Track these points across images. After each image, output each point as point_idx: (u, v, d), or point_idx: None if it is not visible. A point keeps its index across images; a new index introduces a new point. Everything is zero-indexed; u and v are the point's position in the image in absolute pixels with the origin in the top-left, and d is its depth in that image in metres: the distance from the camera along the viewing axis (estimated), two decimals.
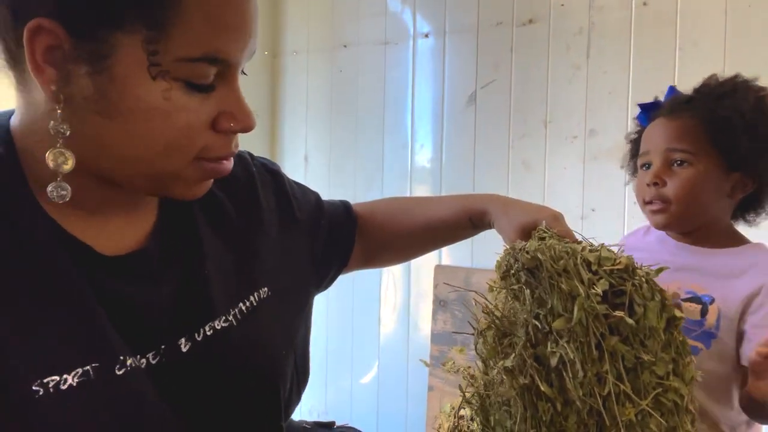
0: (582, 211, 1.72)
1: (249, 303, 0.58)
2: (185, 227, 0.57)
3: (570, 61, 1.74)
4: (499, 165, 1.86)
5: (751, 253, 0.87)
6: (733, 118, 0.83)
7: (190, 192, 0.51)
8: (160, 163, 0.47)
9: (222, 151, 0.50)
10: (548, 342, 0.64)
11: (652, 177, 0.86)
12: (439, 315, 1.93)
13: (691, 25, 1.57)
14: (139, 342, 0.49)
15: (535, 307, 0.66)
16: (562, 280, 0.62)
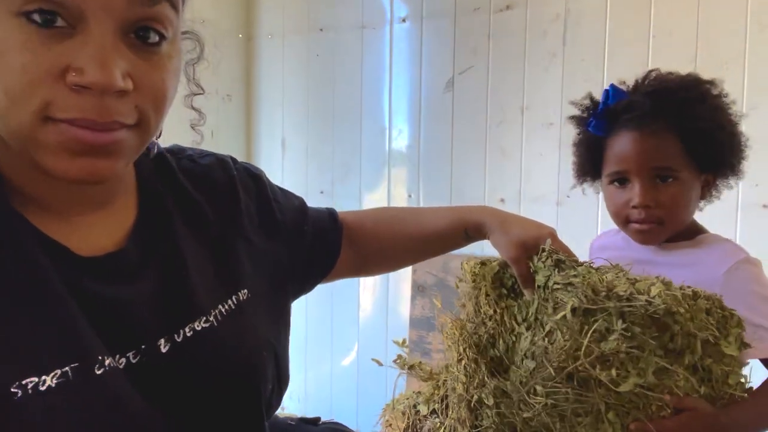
0: (558, 197, 1.75)
1: (229, 304, 0.58)
2: (164, 228, 0.57)
3: (547, 48, 1.75)
4: (476, 151, 1.88)
5: (708, 240, 0.90)
6: (708, 129, 0.84)
7: (58, 164, 0.45)
8: (9, 116, 0.44)
9: (72, 112, 0.43)
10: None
11: (642, 200, 0.85)
12: (417, 300, 1.95)
13: (665, 13, 1.59)
14: (119, 342, 0.49)
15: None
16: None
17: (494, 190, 1.85)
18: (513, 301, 0.78)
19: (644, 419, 0.64)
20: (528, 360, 0.72)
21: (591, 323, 0.66)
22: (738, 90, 1.52)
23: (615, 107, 0.88)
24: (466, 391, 0.79)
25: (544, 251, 0.74)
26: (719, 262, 0.84)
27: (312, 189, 2.20)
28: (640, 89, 0.89)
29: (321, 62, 2.16)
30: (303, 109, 2.22)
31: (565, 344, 0.67)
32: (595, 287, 0.66)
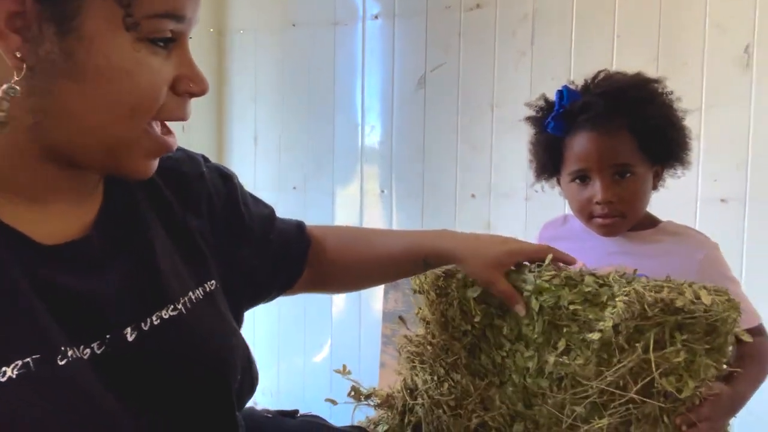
0: (526, 192, 1.79)
1: (198, 293, 0.58)
2: (132, 216, 0.57)
3: (516, 46, 1.79)
4: (448, 147, 1.91)
5: (672, 230, 0.96)
6: (659, 125, 0.90)
7: (141, 167, 0.52)
8: (123, 128, 0.48)
9: (178, 114, 0.51)
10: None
11: (604, 197, 0.90)
12: (390, 294, 1.98)
13: (628, 15, 1.65)
14: (83, 332, 0.49)
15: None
16: None
17: (465, 186, 1.89)
18: (497, 319, 0.79)
19: (685, 412, 0.70)
20: (554, 381, 0.74)
21: (648, 338, 0.69)
22: (697, 89, 1.59)
23: (571, 108, 0.91)
24: (453, 417, 0.81)
25: (543, 267, 0.76)
26: (694, 251, 0.91)
27: (284, 185, 2.20)
28: (591, 89, 0.93)
29: (294, 58, 2.16)
30: (276, 105, 2.21)
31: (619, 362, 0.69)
32: (645, 301, 0.68)
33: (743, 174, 1.56)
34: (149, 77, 0.47)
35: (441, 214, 1.93)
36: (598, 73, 0.96)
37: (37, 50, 0.44)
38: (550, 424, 0.75)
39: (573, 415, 0.73)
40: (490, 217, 1.86)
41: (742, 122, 1.55)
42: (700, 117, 1.57)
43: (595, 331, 0.73)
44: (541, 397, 0.76)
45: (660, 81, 0.93)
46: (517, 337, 0.80)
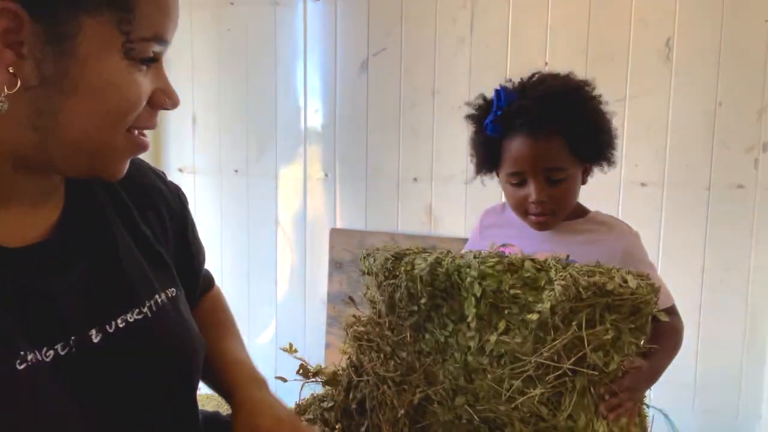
0: (467, 176, 1.86)
1: (162, 298, 0.60)
2: (95, 219, 0.58)
3: (456, 34, 1.83)
4: (390, 131, 1.94)
5: (600, 220, 1.04)
6: (590, 131, 0.97)
7: (118, 167, 0.55)
8: (107, 136, 0.51)
9: (150, 123, 0.55)
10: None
11: (537, 198, 0.96)
12: (335, 276, 2.01)
13: (560, 7, 1.73)
14: (46, 334, 0.49)
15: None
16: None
17: (408, 170, 1.94)
18: (443, 301, 0.83)
19: (608, 383, 0.77)
20: (494, 359, 0.79)
21: (581, 318, 0.75)
22: (622, 80, 1.69)
23: (508, 110, 0.96)
24: (398, 392, 0.85)
25: (496, 259, 0.80)
26: (618, 239, 1.00)
27: (226, 167, 2.17)
28: (528, 92, 0.97)
29: (232, 37, 2.11)
30: (214, 86, 2.16)
31: (554, 340, 0.75)
32: (579, 285, 0.74)
33: (662, 160, 1.69)
34: (135, 91, 0.51)
35: (384, 198, 1.97)
36: (534, 74, 1.01)
37: (31, 67, 0.46)
38: (489, 396, 0.81)
39: (511, 389, 0.79)
40: (432, 200, 1.92)
41: (662, 111, 1.67)
42: (624, 106, 1.68)
43: (534, 312, 0.78)
44: (482, 372, 0.82)
45: (590, 84, 0.99)
46: (459, 318, 0.85)
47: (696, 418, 1.72)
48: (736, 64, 1.61)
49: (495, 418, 0.81)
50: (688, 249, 1.68)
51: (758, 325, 1.66)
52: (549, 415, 0.78)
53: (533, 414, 0.79)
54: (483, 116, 1.00)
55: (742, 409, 1.70)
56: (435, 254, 0.88)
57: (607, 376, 0.79)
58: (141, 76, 0.51)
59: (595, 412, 0.79)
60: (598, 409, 0.79)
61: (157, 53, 0.52)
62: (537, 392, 0.78)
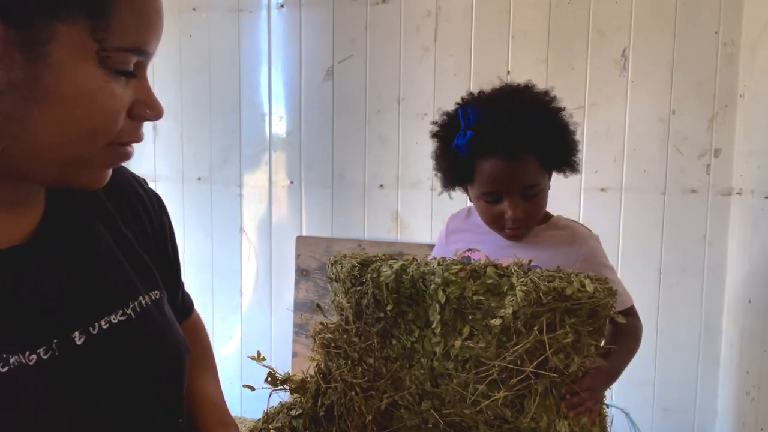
0: (432, 182, 1.88)
1: (146, 300, 0.59)
2: (76, 222, 0.57)
3: (420, 42, 1.86)
4: (356, 138, 1.95)
5: (561, 225, 1.07)
6: (561, 146, 0.99)
7: (96, 179, 0.53)
8: (80, 147, 0.49)
9: (133, 137, 0.53)
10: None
11: (514, 215, 0.96)
12: (301, 284, 1.99)
13: (521, 17, 1.77)
14: (29, 337, 0.49)
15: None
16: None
17: (374, 177, 1.94)
18: (408, 308, 0.84)
19: (569, 383, 0.79)
20: (459, 363, 0.80)
21: (542, 323, 0.76)
22: (581, 89, 1.74)
23: (478, 130, 0.95)
24: (365, 398, 0.85)
25: (459, 266, 0.81)
26: (579, 243, 1.02)
27: (189, 175, 2.13)
28: (496, 110, 0.96)
29: (195, 44, 2.09)
30: (176, 93, 2.13)
31: (516, 344, 0.76)
32: (540, 290, 0.76)
33: (620, 166, 1.74)
34: (111, 102, 0.49)
35: (350, 205, 1.97)
36: (497, 89, 1.01)
37: (4, 73, 0.45)
38: (455, 401, 0.82)
39: (476, 393, 0.80)
40: (398, 206, 1.93)
41: (619, 119, 1.73)
42: (583, 114, 1.73)
43: (496, 317, 0.80)
44: (447, 377, 0.83)
45: (552, 95, 1.01)
46: (425, 324, 0.86)
47: (656, 415, 1.77)
48: (688, 73, 1.67)
49: (460, 422, 0.82)
50: (645, 251, 1.74)
51: (712, 324, 1.72)
52: (512, 417, 0.80)
53: (497, 417, 0.80)
54: (448, 134, 1.00)
55: (699, 406, 1.76)
56: (400, 261, 0.89)
57: (569, 377, 0.81)
58: (119, 88, 0.50)
59: (557, 413, 0.81)
60: (560, 410, 0.81)
61: (139, 65, 0.51)
62: (501, 395, 0.79)
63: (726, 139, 1.67)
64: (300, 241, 2.00)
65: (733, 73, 1.64)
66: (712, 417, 1.75)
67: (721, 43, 1.65)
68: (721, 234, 1.69)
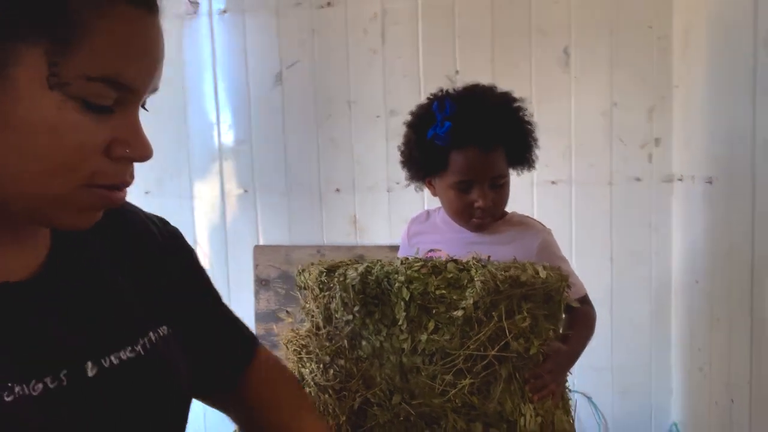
0: (388, 184, 1.89)
1: (155, 336, 0.57)
2: (84, 257, 0.55)
3: (367, 44, 1.86)
4: (309, 143, 1.93)
5: (516, 220, 1.12)
6: (525, 141, 1.07)
7: (77, 221, 0.49)
8: (46, 183, 0.45)
9: (114, 179, 0.48)
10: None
11: (485, 203, 1.03)
12: (261, 294, 1.96)
13: (465, 17, 1.80)
14: (36, 366, 0.47)
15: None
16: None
17: (329, 181, 1.94)
18: (375, 307, 0.86)
19: (532, 367, 0.82)
20: (426, 357, 0.82)
21: (501, 310, 0.78)
22: (527, 86, 1.79)
23: (457, 121, 1.01)
24: (338, 399, 0.86)
25: (421, 263, 0.84)
26: (532, 238, 1.07)
27: (136, 190, 2.06)
28: (472, 105, 1.03)
29: None
30: None
31: (479, 332, 0.78)
32: (498, 279, 0.78)
33: (568, 159, 1.80)
34: (75, 137, 0.45)
35: (307, 211, 1.96)
36: (473, 86, 1.07)
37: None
38: (424, 393, 0.84)
39: (444, 383, 0.82)
40: (356, 210, 1.93)
41: (565, 114, 1.78)
42: (531, 111, 1.78)
43: (459, 309, 0.82)
44: (416, 371, 0.84)
45: (521, 100, 1.09)
46: (392, 322, 0.87)
47: (615, 398, 1.83)
48: (627, 68, 1.75)
49: (430, 413, 0.83)
50: (596, 240, 1.80)
51: (662, 306, 1.80)
52: (479, 403, 0.82)
53: (465, 404, 0.82)
54: (423, 125, 1.05)
55: (655, 385, 1.83)
56: (365, 264, 0.90)
57: (530, 361, 0.84)
58: (90, 122, 0.45)
59: (522, 397, 0.84)
60: (524, 394, 0.84)
61: (122, 100, 0.46)
62: (467, 382, 0.81)
63: (665, 129, 1.75)
64: (258, 251, 1.97)
65: (668, 66, 1.72)
66: (667, 395, 1.82)
67: (656, 38, 1.73)
68: (666, 219, 1.77)
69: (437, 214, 1.15)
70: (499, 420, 0.83)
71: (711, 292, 1.49)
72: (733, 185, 1.32)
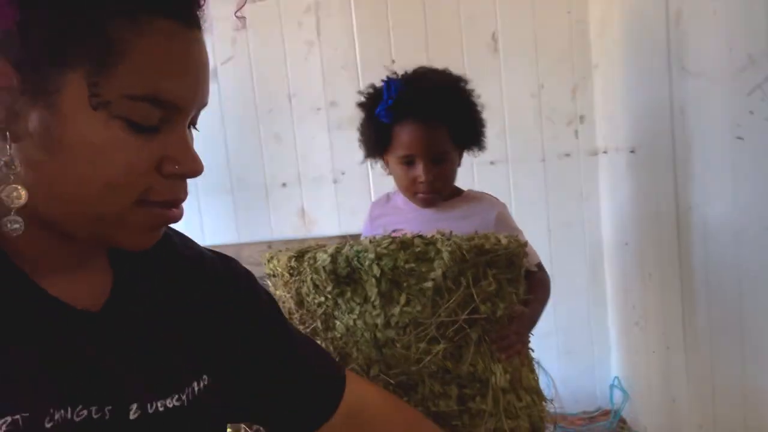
0: (333, 175, 1.91)
1: (200, 386, 0.57)
2: (145, 294, 0.55)
3: (303, 37, 1.88)
4: (250, 139, 1.93)
5: (473, 196, 1.19)
6: (467, 121, 1.13)
7: (136, 240, 0.49)
8: (101, 203, 0.46)
9: (167, 196, 0.49)
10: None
11: (426, 178, 1.08)
12: None
13: (398, 9, 1.85)
14: (86, 393, 0.48)
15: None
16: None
17: (275, 176, 1.94)
18: (347, 287, 0.89)
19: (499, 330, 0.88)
20: (400, 329, 0.87)
21: (468, 277, 0.83)
22: (460, 71, 1.85)
23: (399, 100, 1.07)
24: None
25: (389, 240, 0.87)
26: (490, 209, 1.15)
27: None
28: (415, 84, 1.09)
29: None
30: None
31: (449, 300, 0.83)
32: (464, 249, 0.83)
33: (504, 140, 1.89)
34: (123, 156, 0.46)
35: (253, 207, 1.95)
36: (419, 68, 1.13)
37: (19, 121, 0.43)
38: (400, 363, 0.88)
39: (419, 351, 0.87)
40: (303, 203, 1.95)
41: (497, 96, 1.88)
42: None
43: (428, 280, 0.87)
44: (391, 344, 0.89)
45: (465, 79, 1.14)
46: (364, 300, 0.91)
47: (561, 360, 1.96)
48: (550, 50, 1.86)
49: (407, 380, 0.88)
50: (535, 214, 1.91)
51: (596, 270, 1.94)
52: (453, 367, 0.88)
53: (440, 368, 0.88)
54: (373, 104, 1.11)
55: (595, 344, 1.97)
56: (334, 245, 0.93)
57: (497, 324, 0.91)
58: (138, 141, 0.46)
59: (492, 358, 0.90)
60: (493, 355, 0.91)
61: (168, 118, 0.47)
62: (441, 348, 0.87)
63: (588, 106, 1.88)
64: None
65: (587, 47, 1.85)
66: (607, 352, 1.97)
67: (574, 21, 1.85)
68: (594, 189, 1.91)
69: (397, 196, 1.20)
70: (473, 380, 0.89)
71: (641, 251, 1.63)
72: (654, 153, 1.45)
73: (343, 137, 1.89)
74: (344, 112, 1.88)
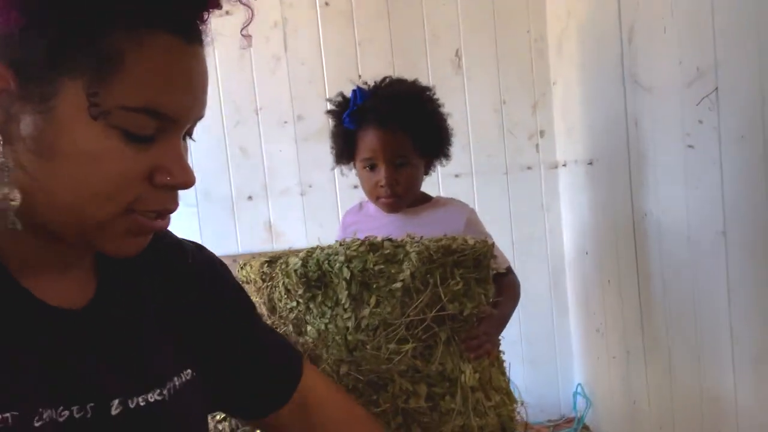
0: (301, 188, 1.92)
1: (181, 380, 0.57)
2: (128, 292, 0.56)
3: (271, 52, 1.89)
4: (217, 152, 1.92)
5: (442, 202, 1.23)
6: (429, 128, 1.16)
7: (120, 247, 0.50)
8: (90, 210, 0.47)
9: (155, 206, 0.49)
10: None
11: (387, 182, 1.12)
12: None
13: (364, 25, 1.89)
14: (67, 393, 0.48)
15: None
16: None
17: (241, 189, 1.93)
18: (318, 290, 0.90)
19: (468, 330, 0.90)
20: (370, 331, 0.88)
21: (436, 277, 0.85)
22: None
23: (363, 107, 1.12)
24: None
25: (359, 242, 0.89)
26: (459, 215, 1.19)
27: None
28: (380, 92, 1.14)
29: None
30: None
31: (417, 300, 0.84)
32: (431, 250, 0.85)
33: (468, 153, 1.94)
34: (117, 165, 0.46)
35: (219, 221, 1.93)
36: (385, 78, 1.17)
37: (14, 125, 0.44)
38: (370, 363, 0.89)
39: (389, 351, 0.88)
40: (270, 216, 1.94)
41: (461, 111, 1.93)
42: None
43: (397, 281, 0.89)
44: (361, 345, 0.90)
45: (431, 90, 1.18)
46: (335, 303, 0.91)
47: (526, 369, 2.00)
48: (511, 67, 1.93)
49: (377, 380, 0.89)
50: (500, 226, 1.96)
51: (558, 278, 2.00)
52: (423, 365, 0.89)
53: (410, 367, 0.89)
54: (341, 112, 1.15)
55: (558, 351, 2.02)
56: (306, 249, 0.95)
57: (466, 323, 0.93)
58: (131, 151, 0.46)
59: (461, 357, 0.92)
60: (463, 355, 0.92)
61: (164, 129, 0.47)
62: (410, 347, 0.88)
63: (547, 121, 1.95)
64: None
65: (545, 65, 1.93)
66: (570, 359, 2.02)
67: (533, 40, 1.93)
68: (554, 201, 1.97)
69: (369, 205, 1.23)
70: (442, 379, 0.90)
71: (600, 259, 1.69)
72: (611, 164, 1.52)
73: (310, 150, 1.90)
74: (311, 126, 1.89)
